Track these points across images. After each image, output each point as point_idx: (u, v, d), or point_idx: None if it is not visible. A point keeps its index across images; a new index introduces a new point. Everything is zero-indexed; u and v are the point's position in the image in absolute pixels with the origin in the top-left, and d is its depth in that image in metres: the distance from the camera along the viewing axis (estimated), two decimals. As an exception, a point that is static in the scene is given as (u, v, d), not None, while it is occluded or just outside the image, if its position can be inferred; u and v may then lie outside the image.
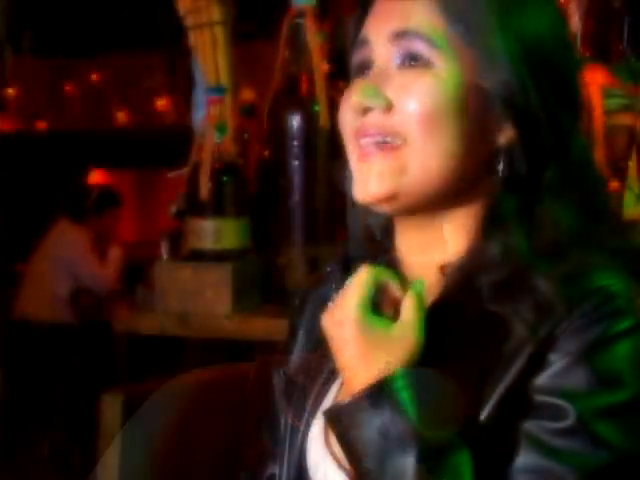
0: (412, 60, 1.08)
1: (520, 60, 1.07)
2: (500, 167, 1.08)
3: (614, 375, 1.01)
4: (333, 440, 1.06)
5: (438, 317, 1.07)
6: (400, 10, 1.09)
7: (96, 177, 6.82)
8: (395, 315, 1.04)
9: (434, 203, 1.10)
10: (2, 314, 5.44)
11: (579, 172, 1.09)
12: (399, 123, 1.07)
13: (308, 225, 2.18)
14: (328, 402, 1.14)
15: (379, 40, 1.10)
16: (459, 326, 1.07)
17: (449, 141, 1.06)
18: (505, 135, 1.08)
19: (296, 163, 2.16)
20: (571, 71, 1.11)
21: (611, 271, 1.05)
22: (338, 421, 1.01)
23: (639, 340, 1.02)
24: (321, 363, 1.15)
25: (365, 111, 1.08)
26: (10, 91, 7.28)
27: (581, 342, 1.02)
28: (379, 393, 0.99)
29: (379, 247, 1.17)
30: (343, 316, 1.02)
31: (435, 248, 1.12)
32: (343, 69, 2.18)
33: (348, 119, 1.11)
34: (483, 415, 1.02)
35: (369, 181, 1.08)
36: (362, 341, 1.02)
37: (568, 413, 1.00)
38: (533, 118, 1.07)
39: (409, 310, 1.03)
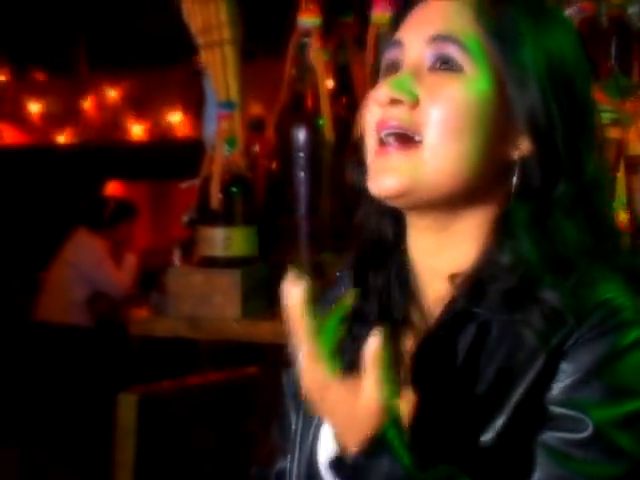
0: (444, 63, 1.08)
1: (546, 78, 1.07)
2: (514, 180, 1.09)
3: (627, 386, 1.03)
4: None
5: (448, 325, 1.07)
6: (439, 16, 1.10)
7: (112, 189, 6.88)
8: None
9: (447, 205, 1.09)
10: (24, 318, 5.54)
11: (591, 191, 1.09)
12: (421, 121, 1.06)
13: (313, 233, 2.19)
14: None
15: (414, 43, 1.10)
16: (470, 334, 1.07)
17: (466, 147, 1.06)
18: (522, 148, 1.09)
19: (302, 174, 2.19)
20: (587, 93, 1.12)
21: (615, 284, 1.06)
22: (343, 473, 1.01)
23: None
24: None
25: (392, 103, 1.07)
26: (31, 106, 7.37)
27: (592, 355, 1.03)
28: (376, 447, 0.97)
29: (388, 252, 1.16)
30: (319, 386, 0.99)
31: (446, 253, 1.11)
32: (346, 85, 2.26)
33: (372, 112, 1.10)
34: (499, 423, 1.03)
35: (385, 175, 1.07)
36: (343, 408, 0.98)
37: (586, 425, 1.01)
38: (552, 135, 1.07)
39: (370, 378, 0.97)
